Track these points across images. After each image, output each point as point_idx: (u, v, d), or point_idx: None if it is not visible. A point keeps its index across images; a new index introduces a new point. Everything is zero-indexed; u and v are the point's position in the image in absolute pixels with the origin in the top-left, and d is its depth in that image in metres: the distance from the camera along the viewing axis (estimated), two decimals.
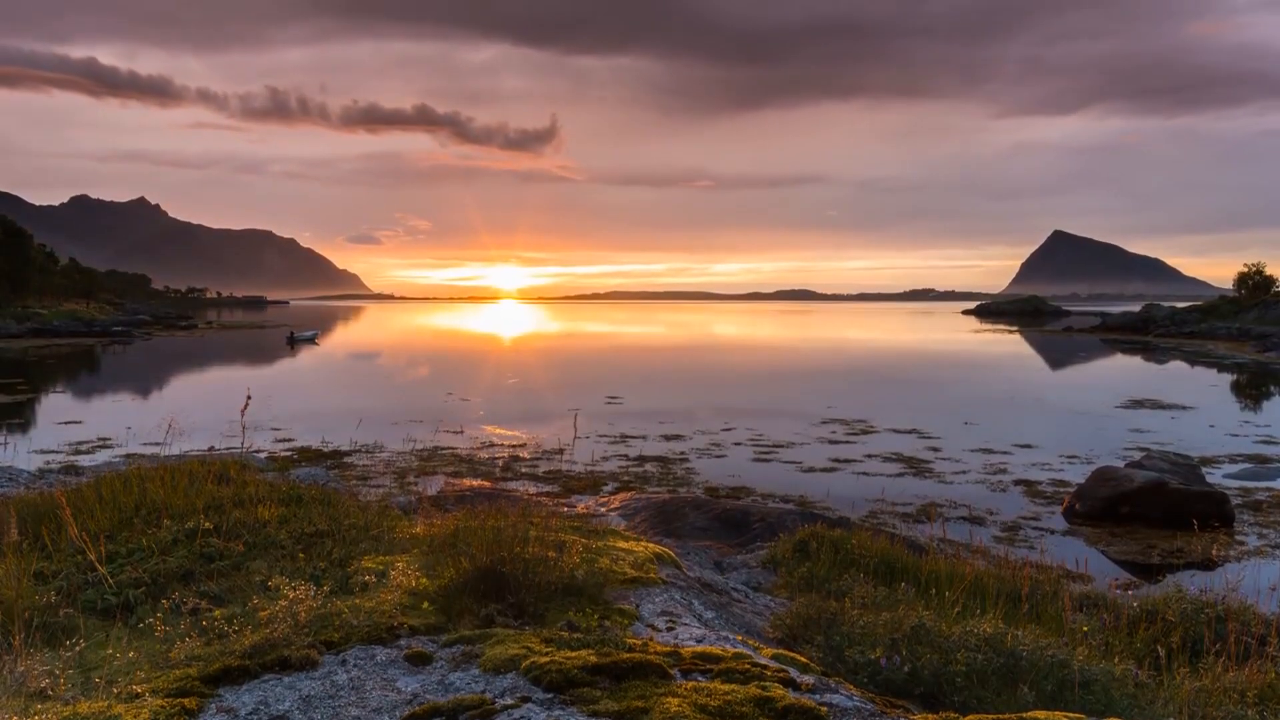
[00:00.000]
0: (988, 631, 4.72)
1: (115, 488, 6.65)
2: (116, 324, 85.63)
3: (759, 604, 6.68)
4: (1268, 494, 16.77)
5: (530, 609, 4.63)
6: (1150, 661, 5.16)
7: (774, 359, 58.10)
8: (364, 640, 4.18)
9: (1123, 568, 12.36)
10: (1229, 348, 61.65)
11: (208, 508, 6.13)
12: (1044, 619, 5.97)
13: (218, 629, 4.22)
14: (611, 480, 17.97)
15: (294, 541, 5.72)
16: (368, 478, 17.66)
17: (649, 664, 3.77)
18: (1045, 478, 18.60)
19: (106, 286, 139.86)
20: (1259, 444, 22.76)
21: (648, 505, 12.50)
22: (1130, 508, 14.61)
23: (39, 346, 61.26)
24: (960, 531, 13.93)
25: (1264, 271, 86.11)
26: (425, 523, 6.61)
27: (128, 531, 5.76)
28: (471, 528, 5.40)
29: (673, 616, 4.87)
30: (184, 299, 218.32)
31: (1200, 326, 76.27)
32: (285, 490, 7.11)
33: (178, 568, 5.17)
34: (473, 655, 4.00)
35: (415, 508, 10.23)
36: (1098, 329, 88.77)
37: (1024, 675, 4.38)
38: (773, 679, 3.73)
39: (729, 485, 17.68)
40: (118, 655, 4.02)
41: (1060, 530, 14.53)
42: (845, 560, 7.75)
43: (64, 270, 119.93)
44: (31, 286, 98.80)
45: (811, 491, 17.06)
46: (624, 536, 6.91)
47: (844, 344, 75.65)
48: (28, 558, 5.22)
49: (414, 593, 4.78)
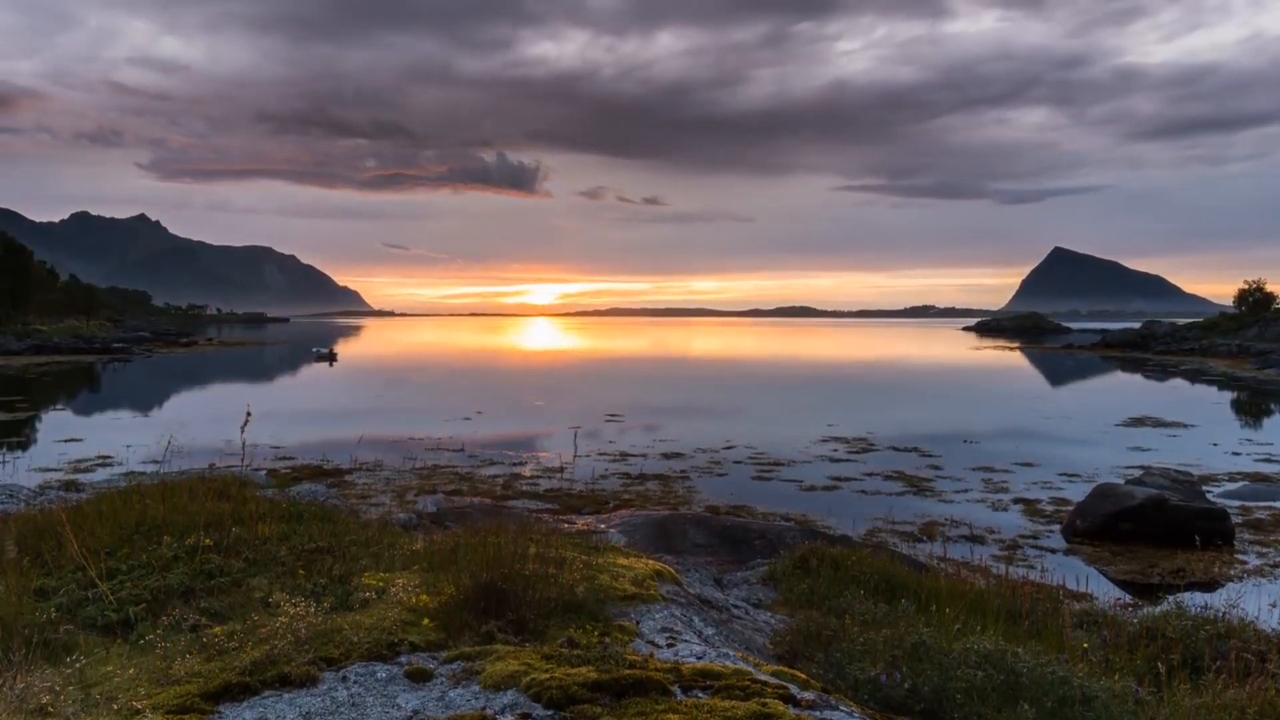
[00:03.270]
0: (988, 648, 4.72)
1: (115, 504, 6.66)
2: (117, 341, 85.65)
3: (759, 621, 6.67)
4: (1268, 512, 16.74)
5: (531, 625, 4.63)
6: (1151, 678, 5.15)
7: (774, 376, 58.11)
8: (364, 657, 4.18)
9: (1123, 587, 12.33)
10: (1229, 365, 61.66)
11: (208, 524, 6.12)
12: (1044, 636, 5.95)
13: (218, 645, 4.22)
14: (612, 498, 17.94)
15: (294, 558, 5.72)
16: (368, 495, 17.65)
17: (650, 680, 3.77)
18: (1045, 496, 18.57)
19: (107, 303, 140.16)
20: (1259, 462, 22.74)
21: (648, 522, 12.48)
22: (1131, 524, 14.59)
23: (39, 363, 61.26)
24: (960, 550, 13.91)
25: (1264, 288, 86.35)
26: (425, 539, 6.61)
27: (128, 548, 5.76)
28: (472, 544, 5.40)
29: (673, 633, 4.87)
30: (184, 315, 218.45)
31: (1200, 343, 76.33)
32: (286, 507, 7.11)
33: (178, 584, 5.16)
34: (473, 672, 4.00)
35: (415, 524, 10.23)
36: (1098, 346, 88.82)
37: (1024, 692, 4.38)
38: (773, 695, 3.73)
39: (729, 503, 17.66)
40: (118, 672, 4.02)
41: (1060, 549, 14.49)
42: (846, 577, 7.73)
43: (64, 287, 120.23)
44: (32, 303, 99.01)
45: (812, 510, 17.04)
46: (624, 553, 6.91)
47: (844, 361, 75.67)
48: (28, 574, 5.22)
49: (414, 609, 4.78)
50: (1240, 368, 58.59)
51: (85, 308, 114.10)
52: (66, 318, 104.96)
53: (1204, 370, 57.89)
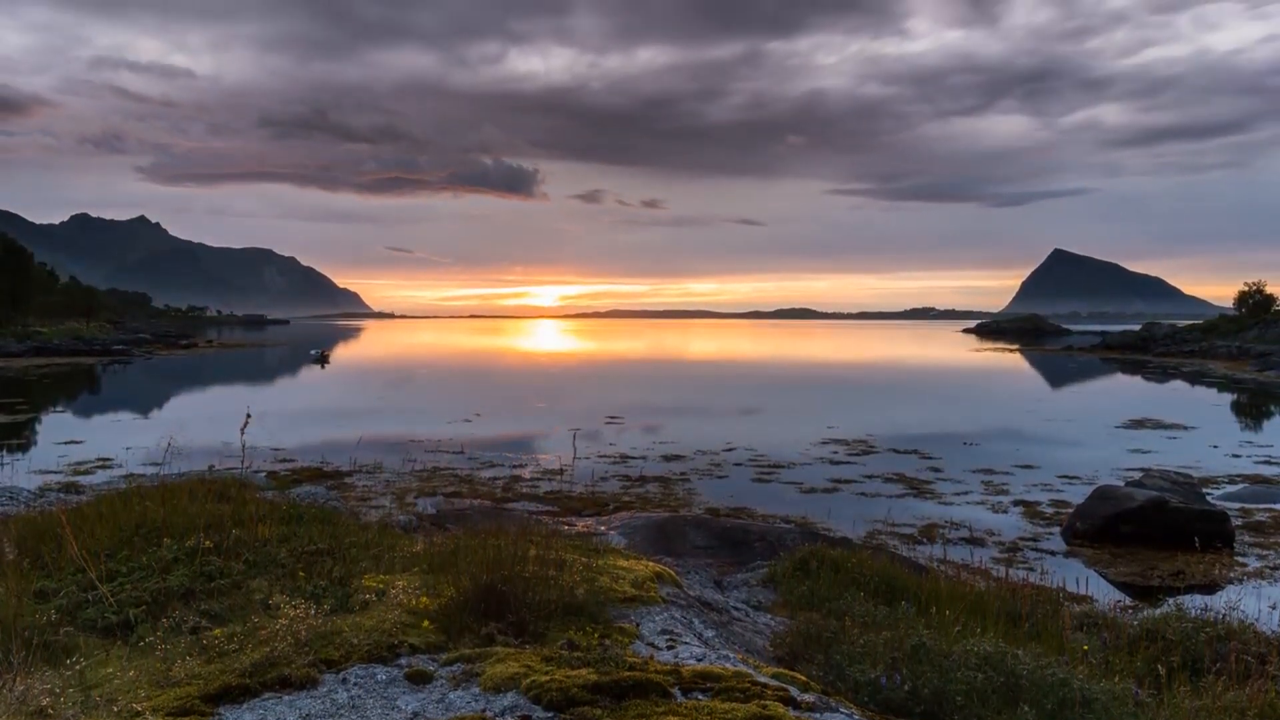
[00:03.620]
0: (988, 650, 4.72)
1: (115, 506, 6.66)
2: (117, 343, 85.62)
3: (759, 623, 6.67)
4: (1268, 514, 16.74)
5: (530, 627, 4.63)
6: (1151, 680, 5.15)
7: (774, 378, 58.09)
8: (364, 659, 4.18)
9: (1123, 590, 12.32)
10: (1229, 366, 61.66)
11: (208, 526, 6.12)
12: (1044, 638, 5.96)
13: (218, 647, 4.22)
14: (612, 500, 17.94)
15: (294, 560, 5.72)
16: (368, 497, 17.65)
17: (650, 682, 3.77)
18: (1045, 498, 18.56)
19: (107, 305, 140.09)
20: (1259, 464, 22.73)
21: (648, 524, 12.48)
22: (1131, 526, 14.59)
23: (39, 365, 61.25)
24: (960, 553, 13.90)
25: (1264, 290, 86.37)
26: (425, 541, 6.61)
27: (128, 550, 5.76)
28: (471, 546, 5.40)
29: (673, 635, 4.87)
30: (184, 317, 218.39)
31: (1200, 345, 76.32)
32: (285, 509, 7.11)
33: (178, 586, 5.16)
34: (473, 674, 4.00)
35: (415, 526, 10.23)
36: (1098, 348, 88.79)
37: (1024, 694, 4.38)
38: (773, 697, 3.73)
39: (729, 505, 17.65)
40: (118, 674, 4.02)
41: (1060, 551, 14.49)
42: (846, 579, 7.74)
43: (64, 288, 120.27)
44: (32, 305, 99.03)
45: (812, 512, 17.03)
46: (624, 555, 6.91)
47: (844, 363, 75.64)
48: (28, 576, 5.22)
49: (414, 611, 4.78)
50: (1240, 369, 58.59)
51: (85, 309, 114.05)
52: (66, 319, 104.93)
53: (1204, 372, 57.88)
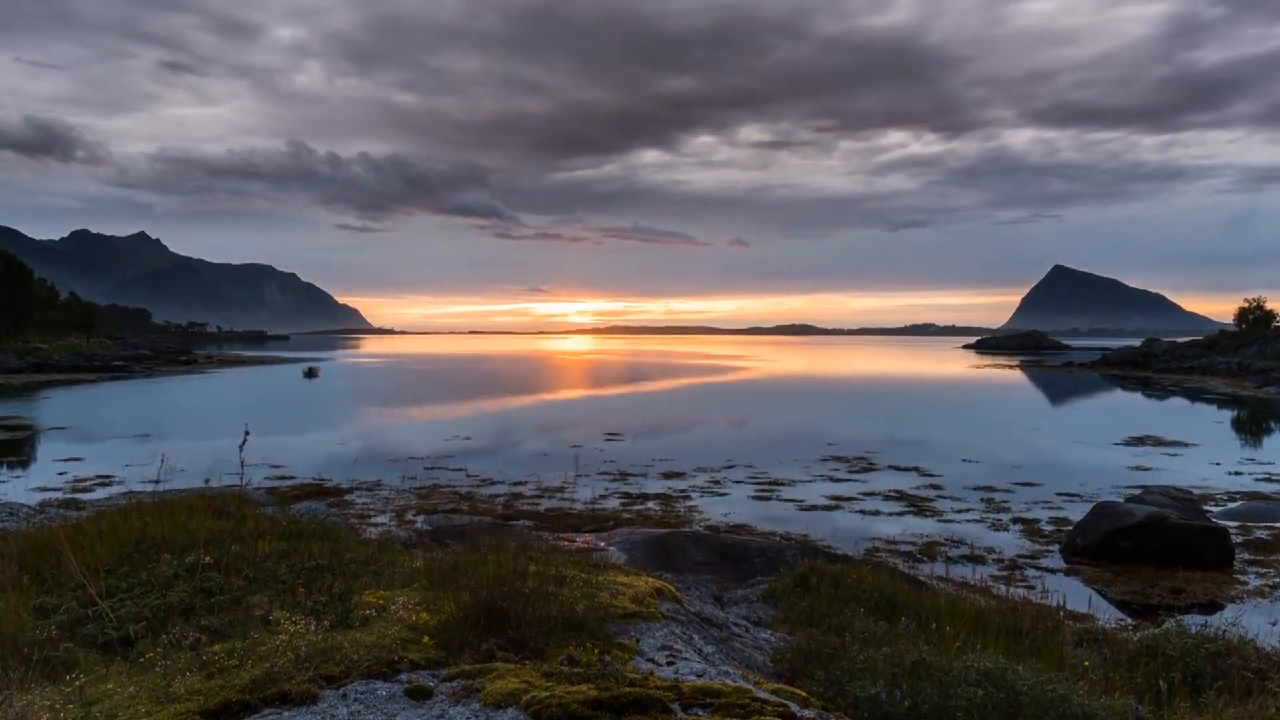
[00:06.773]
0: (988, 666, 4.71)
1: (115, 522, 6.66)
2: (117, 359, 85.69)
3: (759, 638, 6.66)
4: (1268, 532, 16.72)
5: (530, 643, 4.62)
6: (1151, 696, 5.15)
7: (773, 394, 58.12)
8: (364, 674, 4.18)
9: (1122, 608, 12.28)
10: (1228, 383, 61.70)
11: (208, 542, 6.12)
12: (1044, 654, 5.95)
13: (218, 663, 4.22)
14: (612, 516, 17.92)
15: (294, 575, 5.72)
16: (367, 514, 17.64)
17: (650, 698, 3.77)
18: (1045, 516, 18.54)
19: (107, 321, 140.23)
20: (1259, 481, 22.72)
21: (648, 539, 12.47)
22: (1131, 543, 14.57)
23: (40, 381, 61.27)
24: (960, 570, 13.89)
25: (1264, 306, 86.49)
26: (425, 557, 6.61)
27: (128, 566, 5.76)
28: (472, 562, 5.40)
29: (673, 651, 4.87)
30: (184, 333, 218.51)
31: (1200, 361, 76.36)
32: (285, 525, 7.11)
33: (178, 602, 5.16)
34: (473, 689, 4.00)
35: (415, 542, 10.22)
36: (1098, 364, 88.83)
37: (1025, 710, 4.37)
38: (773, 713, 3.73)
39: (729, 522, 17.63)
40: (118, 690, 4.02)
41: (1060, 569, 14.46)
42: (846, 595, 7.73)
43: (64, 305, 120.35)
44: (32, 321, 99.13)
45: (812, 529, 17.01)
46: (624, 571, 6.91)
47: (844, 380, 75.65)
48: (28, 592, 5.23)
49: (414, 627, 4.77)
50: (1240, 386, 58.62)
51: (85, 325, 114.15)
52: (67, 336, 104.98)
53: (1204, 388, 57.90)
